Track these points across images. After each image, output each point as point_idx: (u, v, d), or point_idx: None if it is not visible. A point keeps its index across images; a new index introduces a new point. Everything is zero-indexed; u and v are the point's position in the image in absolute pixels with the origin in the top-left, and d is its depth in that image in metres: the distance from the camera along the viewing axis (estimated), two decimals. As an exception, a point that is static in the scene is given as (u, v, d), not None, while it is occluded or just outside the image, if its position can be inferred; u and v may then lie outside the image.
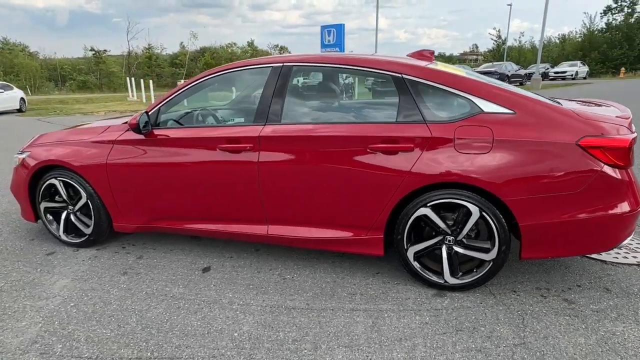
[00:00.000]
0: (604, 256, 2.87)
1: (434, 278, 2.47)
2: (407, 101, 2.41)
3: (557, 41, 51.01)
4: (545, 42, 54.33)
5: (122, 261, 3.00)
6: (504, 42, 48.88)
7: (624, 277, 2.60)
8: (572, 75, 30.81)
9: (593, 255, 2.86)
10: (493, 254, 2.33)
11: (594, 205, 2.18)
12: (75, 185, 3.06)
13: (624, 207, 2.19)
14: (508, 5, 41.20)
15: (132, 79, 20.16)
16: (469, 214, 2.31)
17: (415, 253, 2.47)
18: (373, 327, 2.17)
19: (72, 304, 2.45)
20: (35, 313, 2.37)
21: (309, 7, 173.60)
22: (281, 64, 2.68)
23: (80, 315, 2.34)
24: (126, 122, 3.09)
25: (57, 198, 3.23)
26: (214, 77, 2.86)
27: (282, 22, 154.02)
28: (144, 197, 2.93)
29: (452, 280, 2.43)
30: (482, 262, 2.40)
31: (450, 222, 2.39)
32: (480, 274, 2.39)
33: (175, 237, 3.38)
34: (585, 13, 60.89)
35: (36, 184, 3.20)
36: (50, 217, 3.26)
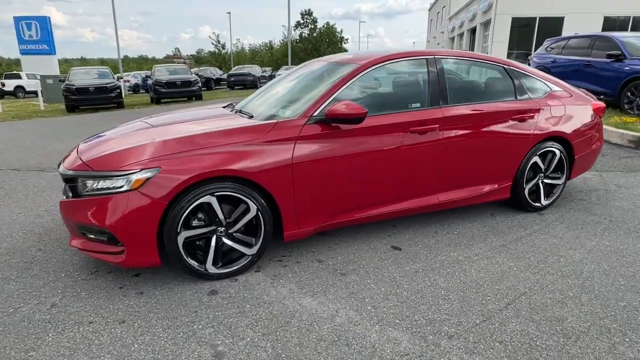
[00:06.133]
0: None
1: (535, 203, 3.66)
2: (519, 85, 3.46)
3: (264, 49, 59.23)
4: (256, 48, 61.86)
5: (307, 270, 2.73)
6: (223, 47, 52.65)
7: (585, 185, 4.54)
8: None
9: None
10: (563, 179, 3.73)
11: (595, 142, 3.91)
12: (244, 198, 2.51)
13: (601, 141, 4.02)
14: (227, 13, 44.74)
15: None
16: (554, 156, 3.61)
17: (529, 189, 3.58)
18: (547, 244, 3.09)
19: (358, 314, 2.29)
20: (364, 329, 2.12)
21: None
22: (433, 57, 3.17)
23: (373, 308, 2.28)
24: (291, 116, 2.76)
25: (194, 223, 2.49)
26: (377, 67, 3.02)
27: None
28: (331, 193, 2.77)
29: (544, 202, 3.69)
30: (554, 186, 3.75)
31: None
32: (557, 195, 3.76)
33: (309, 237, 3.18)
34: (283, 26, 73.25)
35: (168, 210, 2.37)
36: (185, 252, 2.48)
